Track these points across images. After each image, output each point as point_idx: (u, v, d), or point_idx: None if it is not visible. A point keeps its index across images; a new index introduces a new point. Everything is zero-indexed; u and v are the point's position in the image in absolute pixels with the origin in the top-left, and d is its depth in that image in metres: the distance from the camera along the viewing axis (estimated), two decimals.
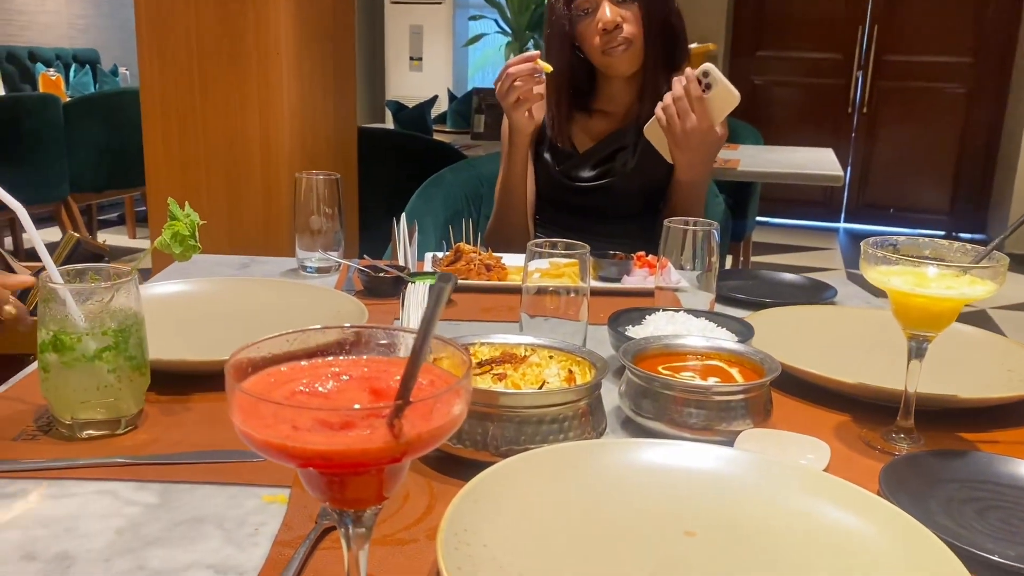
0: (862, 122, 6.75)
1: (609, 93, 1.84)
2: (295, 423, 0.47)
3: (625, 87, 1.83)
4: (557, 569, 0.66)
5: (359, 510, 0.52)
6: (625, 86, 1.82)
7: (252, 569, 0.67)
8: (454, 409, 0.50)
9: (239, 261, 1.65)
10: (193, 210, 0.87)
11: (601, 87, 1.85)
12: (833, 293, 1.47)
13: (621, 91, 1.83)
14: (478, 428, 0.81)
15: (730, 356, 1.00)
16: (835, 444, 0.92)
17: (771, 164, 3.41)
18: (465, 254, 1.52)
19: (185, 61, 2.43)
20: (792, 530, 0.72)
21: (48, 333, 0.84)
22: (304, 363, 0.55)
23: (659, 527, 0.73)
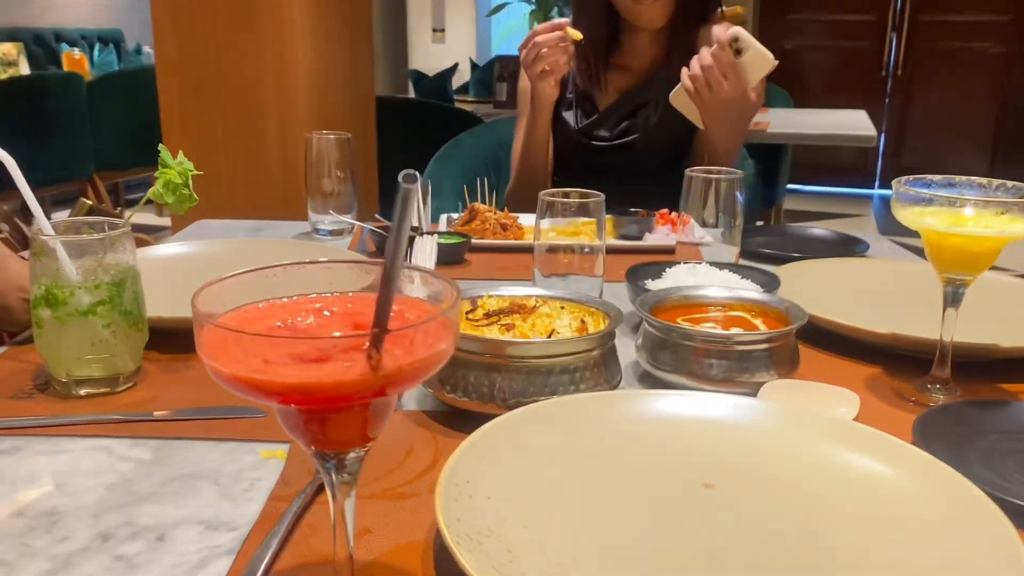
0: (896, 85, 6.57)
1: (633, 47, 1.77)
2: (266, 356, 0.43)
3: (651, 41, 1.76)
4: (564, 523, 0.62)
5: (342, 453, 0.48)
6: (651, 40, 1.75)
7: (245, 524, 0.64)
8: (440, 342, 0.46)
9: (253, 225, 1.62)
10: (187, 159, 0.84)
11: (625, 40, 1.78)
12: (865, 247, 1.41)
13: (646, 45, 1.76)
14: (484, 380, 0.77)
15: (754, 306, 0.95)
16: (866, 396, 0.87)
17: (802, 126, 3.32)
18: (480, 213, 1.48)
19: (200, 28, 2.40)
20: (818, 481, 0.68)
21: (40, 288, 0.81)
22: (284, 300, 0.51)
23: (674, 479, 0.69)
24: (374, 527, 0.64)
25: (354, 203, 1.53)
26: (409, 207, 0.39)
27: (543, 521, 0.62)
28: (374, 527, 0.64)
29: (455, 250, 1.35)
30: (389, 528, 0.64)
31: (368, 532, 0.63)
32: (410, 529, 0.64)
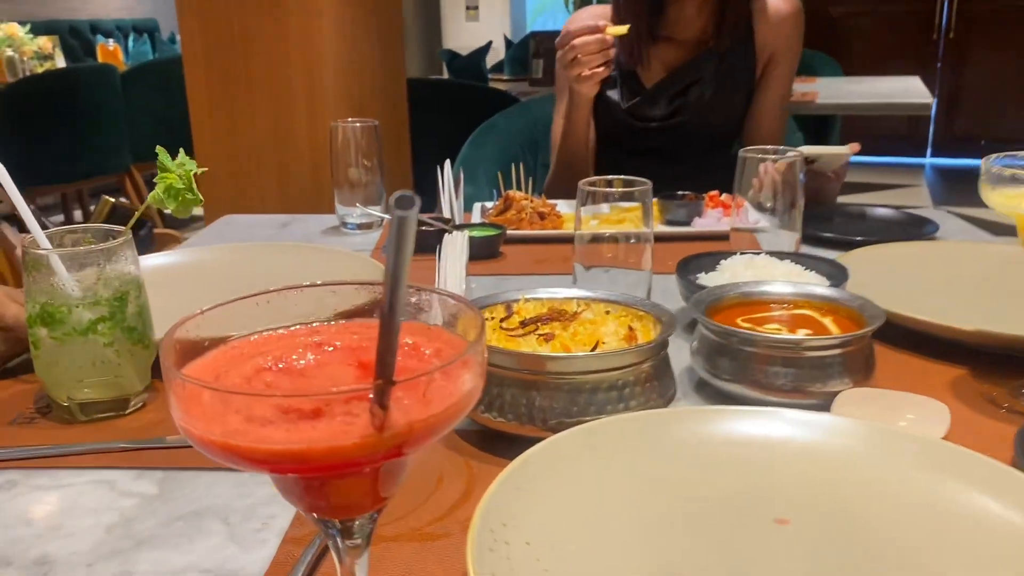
0: (949, 49, 6.30)
1: (680, 17, 1.63)
2: (248, 413, 0.35)
3: (699, 10, 1.62)
4: (617, 571, 0.54)
5: (347, 519, 0.40)
6: (699, 9, 1.62)
7: (255, 573, 0.57)
8: (463, 385, 0.37)
9: (279, 220, 1.55)
10: (188, 159, 0.76)
11: (672, 11, 1.63)
12: (934, 228, 1.29)
13: (695, 14, 1.62)
14: (522, 399, 0.69)
15: (822, 303, 0.85)
16: (953, 404, 0.77)
17: (852, 95, 3.16)
18: (516, 202, 1.39)
19: (225, 14, 2.33)
20: (912, 515, 0.58)
21: (35, 306, 0.74)
22: (280, 331, 0.43)
23: (743, 515, 0.60)
24: (401, 574, 0.56)
25: (383, 193, 1.45)
26: (406, 239, 0.30)
27: (590, 571, 0.53)
28: (401, 574, 0.56)
29: (489, 243, 1.26)
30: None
31: None
32: None
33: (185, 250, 1.20)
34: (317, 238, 1.42)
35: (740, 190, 1.12)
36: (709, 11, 1.62)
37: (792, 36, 1.66)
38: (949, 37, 6.28)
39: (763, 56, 1.65)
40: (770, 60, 1.66)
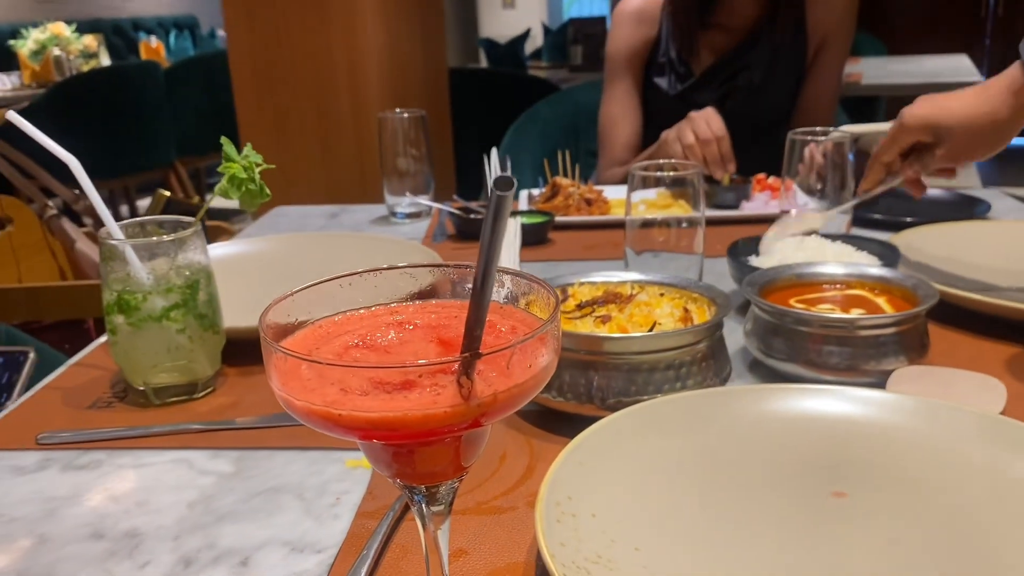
0: (998, 26, 6.16)
1: (731, 4, 1.62)
2: (344, 385, 0.37)
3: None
4: (680, 543, 0.56)
5: (432, 485, 0.42)
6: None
7: (332, 544, 0.60)
8: (539, 359, 0.39)
9: (329, 211, 1.58)
10: (254, 152, 0.79)
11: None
12: (986, 208, 1.29)
13: (746, 2, 1.61)
14: (581, 379, 0.71)
15: (875, 283, 0.85)
16: (1009, 381, 0.77)
17: (897, 76, 3.12)
18: (563, 189, 1.40)
19: (269, 13, 2.37)
20: (968, 489, 0.59)
21: (112, 294, 0.78)
22: (362, 311, 0.46)
23: (801, 489, 0.61)
24: (469, 547, 0.59)
25: (431, 182, 1.47)
26: (502, 217, 0.32)
27: (656, 542, 0.55)
28: (469, 547, 0.59)
29: (538, 230, 1.28)
30: (486, 548, 0.58)
31: (463, 553, 0.58)
32: (508, 549, 0.58)
33: (246, 240, 1.24)
34: (366, 227, 1.45)
35: (789, 172, 1.12)
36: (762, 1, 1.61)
37: (845, 19, 1.64)
38: (998, 14, 6.14)
39: (814, 40, 1.64)
40: (822, 44, 1.64)
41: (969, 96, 0.91)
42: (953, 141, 0.92)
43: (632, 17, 1.70)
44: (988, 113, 0.89)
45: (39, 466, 0.72)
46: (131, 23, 7.57)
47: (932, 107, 0.93)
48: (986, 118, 0.89)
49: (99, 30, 6.14)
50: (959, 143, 0.91)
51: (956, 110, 0.91)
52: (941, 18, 6.24)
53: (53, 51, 4.68)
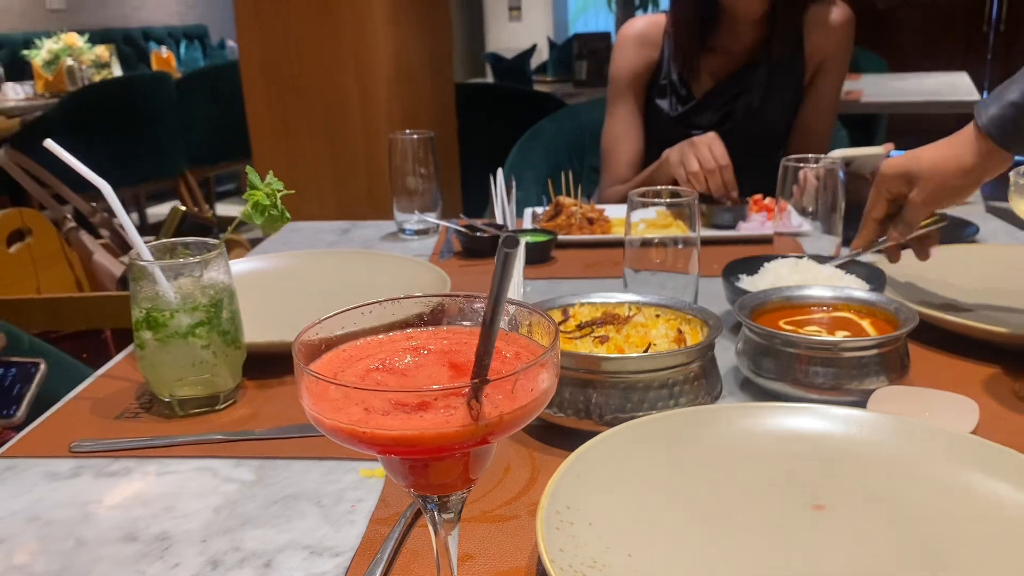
0: (1000, 42, 6.21)
1: (732, 29, 1.67)
2: (367, 405, 0.42)
3: (752, 23, 1.65)
4: (670, 550, 0.60)
5: (444, 495, 0.47)
6: (752, 22, 1.65)
7: (348, 548, 0.65)
8: (541, 383, 0.44)
9: (340, 227, 1.64)
10: (276, 179, 0.84)
11: (724, 22, 1.67)
12: (974, 230, 1.33)
13: (746, 27, 1.66)
14: (580, 395, 0.76)
15: (860, 306, 0.90)
16: (984, 401, 0.82)
17: (897, 93, 3.17)
18: (566, 208, 1.45)
19: (282, 28, 2.43)
20: (938, 502, 0.64)
21: (141, 311, 0.83)
22: (380, 337, 0.51)
23: (784, 500, 0.66)
24: (475, 553, 0.63)
25: (439, 200, 1.52)
26: (509, 271, 0.37)
27: (648, 549, 0.60)
28: (475, 553, 0.63)
29: (542, 248, 1.33)
30: (490, 553, 0.63)
31: (470, 558, 0.63)
32: (511, 554, 0.63)
33: (262, 256, 1.29)
34: (376, 243, 1.51)
35: (783, 195, 1.17)
36: (761, 24, 1.65)
37: (842, 44, 1.69)
38: (1000, 30, 6.19)
39: (812, 64, 1.69)
40: (819, 68, 1.69)
41: (941, 145, 0.97)
42: (925, 185, 0.97)
43: (635, 40, 1.75)
44: (955, 157, 0.95)
45: (73, 473, 0.77)
46: (142, 33, 7.65)
47: (906, 157, 1.00)
48: (953, 162, 0.95)
49: (111, 40, 6.23)
50: (931, 187, 0.97)
51: (926, 158, 0.97)
52: (943, 35, 6.30)
53: (66, 61, 4.75)
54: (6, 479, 0.76)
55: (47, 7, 7.30)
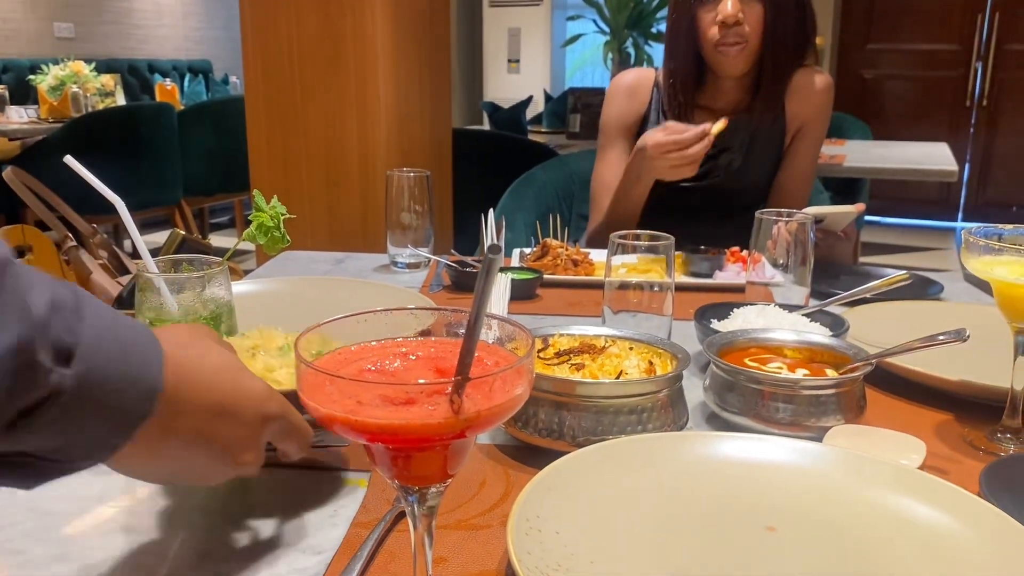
0: (982, 116, 6.40)
1: (717, 89, 1.76)
2: (359, 398, 0.47)
3: (736, 84, 1.75)
4: (630, 560, 0.65)
5: (424, 488, 0.52)
6: (736, 83, 1.75)
7: (330, 548, 0.69)
8: (516, 388, 0.50)
9: (335, 257, 1.69)
10: (280, 203, 0.90)
11: (710, 82, 1.76)
12: (939, 289, 1.40)
13: (731, 88, 1.75)
14: (555, 417, 0.81)
15: (821, 349, 0.96)
16: (934, 443, 0.88)
17: (880, 160, 3.28)
18: (552, 249, 1.52)
19: (287, 66, 2.51)
20: (881, 529, 0.69)
21: (144, 321, 0.88)
22: (373, 343, 0.56)
23: (738, 521, 0.71)
24: (449, 556, 0.68)
25: (431, 236, 1.58)
26: (492, 274, 0.43)
27: (610, 557, 0.65)
28: (449, 556, 0.68)
29: (527, 285, 1.39)
30: (463, 557, 0.68)
31: (444, 560, 0.67)
32: (482, 559, 0.67)
33: (257, 280, 1.34)
34: (369, 274, 1.56)
35: (757, 247, 1.24)
36: (745, 86, 1.74)
37: (822, 109, 1.78)
38: (982, 104, 6.39)
39: (793, 127, 1.77)
40: (799, 131, 1.78)
41: None
42: None
43: (625, 91, 1.84)
44: None
45: None
46: (147, 65, 7.79)
47: None
48: None
49: (116, 70, 6.34)
50: None
51: None
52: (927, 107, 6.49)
53: (71, 88, 4.83)
54: None
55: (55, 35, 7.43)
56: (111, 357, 0.49)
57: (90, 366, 0.47)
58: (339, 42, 2.47)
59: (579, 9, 7.05)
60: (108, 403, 0.49)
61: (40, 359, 0.44)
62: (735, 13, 1.61)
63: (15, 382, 0.43)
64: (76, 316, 0.48)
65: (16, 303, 0.44)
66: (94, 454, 0.51)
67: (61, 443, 0.48)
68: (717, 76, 1.73)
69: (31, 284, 0.46)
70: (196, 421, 0.57)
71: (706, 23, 1.66)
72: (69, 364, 0.46)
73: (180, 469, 0.60)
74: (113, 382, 0.49)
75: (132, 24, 8.19)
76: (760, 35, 1.65)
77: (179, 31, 8.71)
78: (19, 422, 0.45)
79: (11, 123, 4.63)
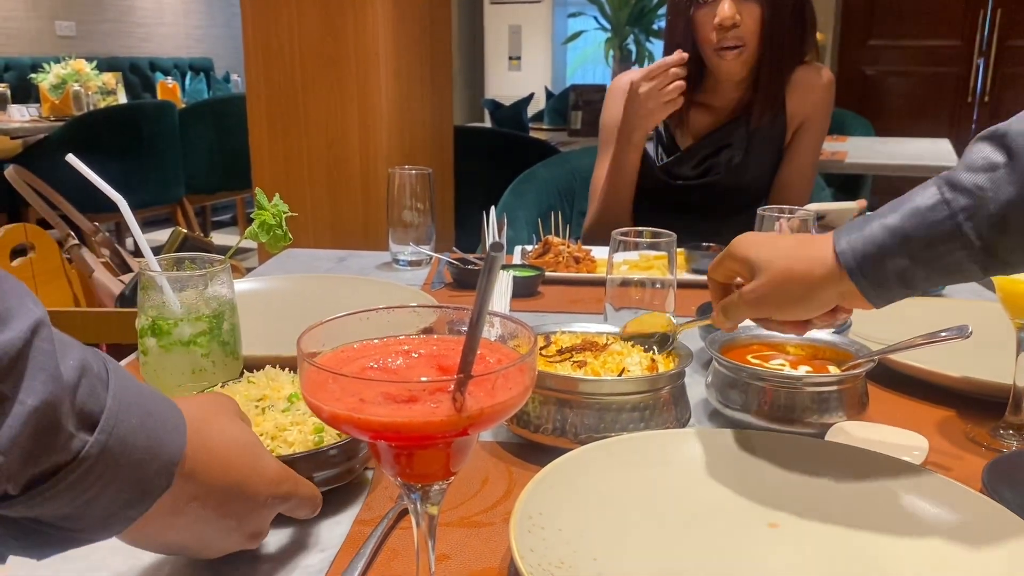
0: (983, 112, 6.39)
1: (717, 87, 1.76)
2: (362, 396, 0.47)
3: (737, 83, 1.74)
4: (633, 556, 0.65)
5: (427, 485, 0.52)
6: (737, 82, 1.74)
7: (333, 545, 0.69)
8: (519, 386, 0.50)
9: (337, 255, 1.69)
10: (283, 201, 0.90)
11: (709, 80, 1.75)
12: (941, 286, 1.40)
13: (731, 86, 1.75)
14: (557, 415, 0.81)
15: (824, 347, 0.96)
16: (936, 440, 0.88)
17: (881, 156, 3.27)
18: (554, 246, 1.52)
19: (288, 64, 2.51)
20: (883, 525, 0.69)
21: (147, 319, 0.88)
22: (376, 341, 0.56)
23: (741, 518, 0.71)
24: (452, 553, 0.68)
25: (433, 234, 1.58)
26: (495, 272, 0.43)
27: (612, 554, 0.65)
28: (452, 553, 0.68)
29: (529, 283, 1.39)
30: (466, 555, 0.68)
31: (446, 558, 0.67)
32: (485, 556, 0.68)
33: (260, 278, 1.34)
34: (371, 272, 1.56)
35: None
36: (745, 85, 1.74)
37: (823, 106, 1.77)
38: (984, 100, 6.38)
39: (793, 124, 1.77)
40: (800, 127, 1.77)
41: (803, 241, 0.79)
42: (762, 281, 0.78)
43: (625, 92, 1.83)
44: (807, 261, 0.76)
45: None
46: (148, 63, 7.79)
47: (760, 240, 0.81)
48: (803, 265, 0.76)
49: (116, 68, 6.34)
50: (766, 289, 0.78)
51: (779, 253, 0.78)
52: (929, 102, 6.48)
53: (73, 86, 4.83)
54: None
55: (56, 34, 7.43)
56: (135, 427, 0.48)
57: (113, 435, 0.47)
58: (340, 40, 2.47)
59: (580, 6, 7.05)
60: (129, 474, 0.48)
61: (64, 423, 0.44)
62: (732, 15, 1.60)
63: (37, 444, 0.43)
64: (103, 383, 0.47)
65: (46, 365, 0.43)
66: (110, 525, 0.50)
67: (77, 511, 0.47)
68: (718, 75, 1.73)
69: (63, 348, 0.46)
70: (210, 498, 0.56)
71: (703, 25, 1.65)
72: (92, 431, 0.46)
73: (188, 540, 0.59)
74: (135, 453, 0.48)
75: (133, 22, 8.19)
76: (758, 36, 1.64)
77: (180, 29, 8.71)
78: (37, 486, 0.44)
79: (13, 122, 4.63)
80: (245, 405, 0.78)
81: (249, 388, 0.82)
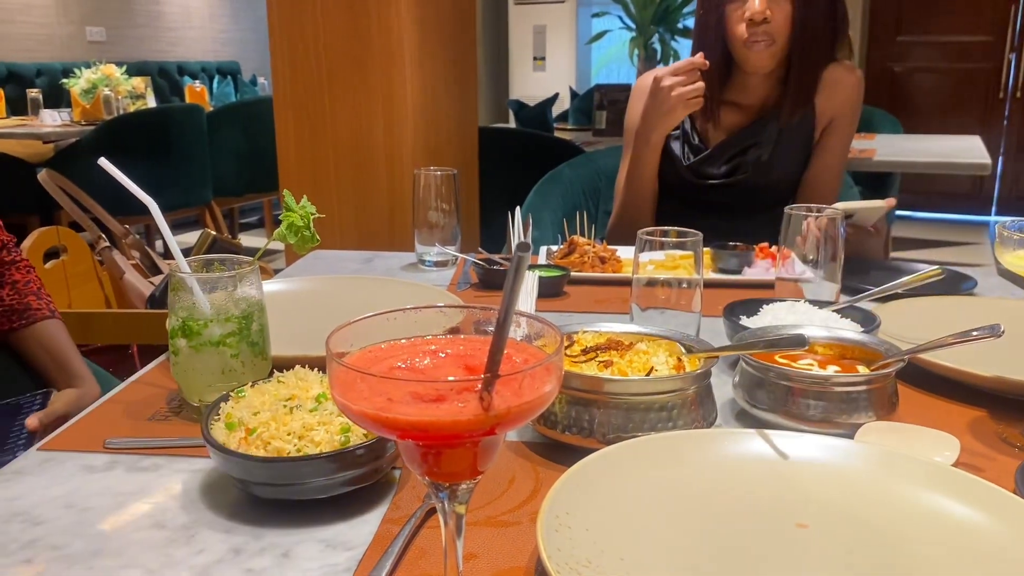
0: (1016, 107, 6.30)
1: (745, 85, 1.75)
2: (390, 396, 0.48)
3: (764, 80, 1.74)
4: (660, 557, 0.65)
5: (454, 484, 0.53)
6: (764, 79, 1.74)
7: (361, 544, 0.70)
8: (545, 385, 0.50)
9: (363, 256, 1.70)
10: (310, 203, 0.91)
11: (738, 78, 1.76)
12: (972, 284, 1.38)
13: (759, 83, 1.74)
14: (584, 415, 0.81)
15: (852, 346, 0.95)
16: (968, 440, 0.87)
17: (910, 153, 3.24)
18: (579, 247, 1.51)
19: (314, 65, 2.53)
20: (914, 527, 0.68)
21: (177, 320, 0.89)
22: (403, 341, 0.56)
23: (769, 518, 0.70)
24: (479, 552, 0.68)
25: (458, 235, 1.59)
26: (521, 272, 0.43)
27: (639, 554, 0.65)
28: (479, 552, 0.68)
29: (555, 283, 1.39)
30: (493, 554, 0.68)
31: (474, 557, 0.68)
32: (512, 556, 0.68)
33: (287, 280, 1.35)
34: (397, 273, 1.57)
35: (786, 243, 1.23)
36: (774, 82, 1.73)
37: (852, 104, 1.76)
38: (1016, 96, 6.28)
39: (822, 122, 1.76)
40: (829, 126, 1.76)
41: None
42: None
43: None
44: None
45: (107, 466, 0.82)
46: (176, 67, 7.88)
47: None
48: None
49: (146, 73, 6.43)
50: None
51: None
52: (959, 99, 6.39)
53: (103, 91, 4.90)
54: (46, 469, 0.82)
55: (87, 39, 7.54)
56: None
57: None
58: (365, 42, 2.49)
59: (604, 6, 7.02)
60: None
61: None
62: (763, 11, 1.60)
63: None
64: None
65: None
66: None
67: None
68: (745, 72, 1.72)
69: None
70: None
71: (734, 19, 1.65)
72: None
73: None
74: None
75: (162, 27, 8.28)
76: (788, 32, 1.64)
77: (207, 33, 8.80)
78: None
79: (45, 126, 4.71)
80: (274, 404, 0.79)
81: (278, 388, 0.82)
